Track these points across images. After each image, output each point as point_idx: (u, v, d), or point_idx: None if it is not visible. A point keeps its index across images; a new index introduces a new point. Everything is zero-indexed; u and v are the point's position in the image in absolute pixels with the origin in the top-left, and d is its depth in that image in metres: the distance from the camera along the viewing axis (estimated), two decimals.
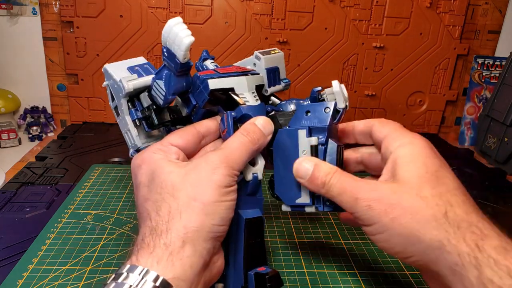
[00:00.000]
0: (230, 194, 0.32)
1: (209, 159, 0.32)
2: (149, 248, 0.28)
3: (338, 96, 0.38)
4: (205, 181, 0.31)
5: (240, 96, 0.37)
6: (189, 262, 0.28)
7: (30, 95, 0.85)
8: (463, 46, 0.89)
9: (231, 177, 0.32)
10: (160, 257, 0.28)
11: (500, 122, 0.80)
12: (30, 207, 0.53)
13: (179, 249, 0.28)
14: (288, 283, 0.41)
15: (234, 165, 0.32)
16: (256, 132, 0.34)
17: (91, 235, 0.47)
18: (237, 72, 0.38)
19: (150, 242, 0.29)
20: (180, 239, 0.29)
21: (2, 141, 0.78)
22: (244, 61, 0.44)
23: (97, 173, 0.62)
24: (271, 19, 0.83)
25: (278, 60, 0.44)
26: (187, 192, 0.30)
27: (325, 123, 0.36)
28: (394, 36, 0.86)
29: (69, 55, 0.83)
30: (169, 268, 0.28)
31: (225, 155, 0.32)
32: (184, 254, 0.28)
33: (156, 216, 0.30)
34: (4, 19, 0.80)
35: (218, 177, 0.31)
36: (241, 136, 0.34)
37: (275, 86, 0.44)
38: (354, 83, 0.89)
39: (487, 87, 0.91)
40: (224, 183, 0.31)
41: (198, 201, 0.30)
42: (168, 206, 0.30)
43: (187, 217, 0.29)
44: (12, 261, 0.42)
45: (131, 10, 0.80)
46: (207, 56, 0.44)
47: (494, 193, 0.65)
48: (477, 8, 0.88)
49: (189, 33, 0.31)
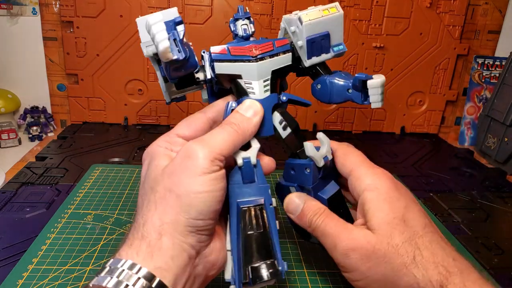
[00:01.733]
0: (211, 183, 0.29)
1: (186, 146, 0.30)
2: (129, 240, 0.29)
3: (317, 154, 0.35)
4: (179, 170, 0.30)
5: (247, 85, 0.34)
6: (169, 254, 0.28)
7: (30, 95, 0.85)
8: (463, 46, 0.89)
9: (211, 162, 0.29)
10: (139, 249, 0.28)
11: (500, 122, 0.80)
12: (30, 207, 0.53)
13: (156, 241, 0.28)
14: (288, 283, 0.41)
15: (214, 149, 0.30)
16: (240, 121, 0.33)
17: (91, 235, 0.47)
18: (248, 57, 0.34)
19: (130, 236, 0.29)
20: (156, 231, 0.28)
21: (2, 141, 0.78)
22: (289, 20, 0.37)
23: (97, 173, 0.62)
24: (271, 19, 0.83)
25: (331, 22, 0.36)
26: (164, 184, 0.30)
27: (309, 184, 0.36)
28: (394, 36, 0.86)
29: (69, 55, 0.83)
30: (148, 260, 0.27)
31: (204, 141, 0.31)
32: (162, 246, 0.28)
33: (140, 211, 0.31)
34: (4, 19, 0.80)
35: (194, 162, 0.29)
36: (225, 127, 0.32)
37: (319, 56, 0.37)
38: None
39: (487, 87, 0.91)
40: (201, 169, 0.29)
41: (172, 193, 0.29)
42: (147, 200, 0.30)
43: (161, 209, 0.29)
44: (12, 261, 0.42)
45: (131, 10, 0.80)
46: (240, 15, 0.36)
47: (494, 193, 0.65)
48: (477, 8, 0.88)
49: (165, 36, 0.29)
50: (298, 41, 0.36)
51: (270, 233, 0.33)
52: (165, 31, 0.30)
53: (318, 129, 0.91)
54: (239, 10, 0.36)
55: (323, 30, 0.36)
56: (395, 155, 0.80)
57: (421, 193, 0.63)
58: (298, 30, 0.35)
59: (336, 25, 0.36)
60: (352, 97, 0.36)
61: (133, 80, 0.85)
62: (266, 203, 0.33)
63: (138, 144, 0.77)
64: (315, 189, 0.36)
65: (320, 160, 0.34)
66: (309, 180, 0.35)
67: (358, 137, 0.89)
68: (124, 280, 0.26)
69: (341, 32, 0.37)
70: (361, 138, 0.89)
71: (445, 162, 0.78)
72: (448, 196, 0.63)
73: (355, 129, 0.92)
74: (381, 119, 0.92)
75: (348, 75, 0.37)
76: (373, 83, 0.35)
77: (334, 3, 0.37)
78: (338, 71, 0.38)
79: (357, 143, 0.86)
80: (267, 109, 0.35)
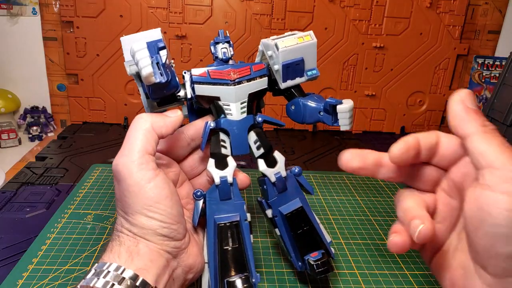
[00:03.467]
0: (154, 190, 0.31)
1: (113, 168, 0.33)
2: (109, 247, 0.31)
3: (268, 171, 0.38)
4: (121, 195, 0.32)
5: (225, 107, 0.36)
6: (147, 258, 0.30)
7: (30, 95, 0.86)
8: (463, 46, 0.89)
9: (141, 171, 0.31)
10: (119, 253, 0.30)
11: (500, 122, 0.80)
12: (30, 207, 0.53)
13: (133, 247, 0.31)
14: (288, 283, 0.41)
15: (133, 157, 0.32)
16: (156, 119, 0.34)
17: (91, 235, 0.47)
18: (227, 81, 0.36)
19: (110, 243, 0.32)
20: (131, 241, 0.31)
21: (2, 141, 0.78)
22: (267, 44, 0.39)
23: (97, 173, 0.62)
24: (271, 19, 0.83)
25: (305, 49, 0.39)
26: (120, 207, 0.33)
27: (267, 199, 0.38)
28: (394, 36, 0.86)
29: (69, 55, 0.83)
30: (129, 262, 0.29)
31: (124, 154, 0.33)
32: (140, 252, 0.30)
33: (117, 218, 0.33)
34: (4, 19, 0.80)
35: (127, 181, 0.31)
36: (138, 131, 0.34)
37: (294, 79, 0.39)
38: (354, 83, 0.89)
39: (487, 87, 0.91)
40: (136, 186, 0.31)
41: (129, 214, 0.32)
42: (118, 213, 0.33)
43: (128, 225, 0.32)
44: (12, 261, 0.42)
45: (131, 10, 0.80)
46: (220, 39, 0.38)
47: None
48: (477, 8, 0.88)
49: (148, 63, 0.31)
50: (275, 65, 0.38)
51: (245, 247, 0.35)
52: (148, 57, 0.31)
53: (318, 129, 0.91)
54: (219, 34, 0.38)
55: (298, 56, 0.38)
56: None
57: None
58: (274, 55, 0.38)
59: (310, 52, 0.39)
60: (323, 119, 0.39)
61: (133, 80, 0.85)
62: (241, 219, 0.35)
63: None
64: (275, 204, 0.38)
65: (271, 175, 0.37)
66: (267, 195, 0.38)
67: (358, 137, 0.89)
68: (111, 280, 0.28)
69: (315, 58, 0.40)
70: (361, 138, 0.89)
71: None
72: None
73: (355, 129, 0.92)
74: (381, 119, 0.92)
75: (320, 98, 0.40)
76: (342, 108, 0.37)
77: (309, 31, 0.40)
78: (311, 94, 0.41)
79: (357, 143, 0.86)
80: (243, 129, 0.37)
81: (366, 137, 0.90)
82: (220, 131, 0.36)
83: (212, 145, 0.36)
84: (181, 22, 0.82)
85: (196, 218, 0.35)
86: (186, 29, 0.82)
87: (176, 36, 0.82)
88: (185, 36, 0.83)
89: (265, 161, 0.37)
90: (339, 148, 0.81)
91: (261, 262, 0.44)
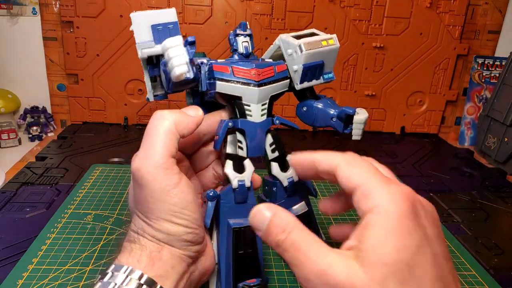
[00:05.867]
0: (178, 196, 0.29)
1: (133, 170, 0.30)
2: (128, 248, 0.30)
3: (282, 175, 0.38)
4: (143, 199, 0.30)
5: (245, 107, 0.35)
6: (169, 264, 0.29)
7: (30, 95, 0.86)
8: (463, 46, 0.89)
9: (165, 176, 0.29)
10: (139, 257, 0.29)
11: (500, 122, 0.80)
12: (30, 207, 0.53)
13: (156, 253, 0.29)
14: (288, 283, 0.41)
15: (157, 161, 0.29)
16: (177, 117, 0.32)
17: (91, 235, 0.47)
18: (251, 81, 0.34)
19: (129, 243, 0.30)
20: (154, 245, 0.29)
21: (2, 141, 0.78)
22: (288, 42, 0.37)
23: (97, 173, 0.62)
24: (271, 19, 0.83)
25: (327, 54, 0.38)
26: (140, 209, 0.31)
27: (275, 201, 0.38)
28: (394, 36, 0.86)
29: (69, 55, 0.83)
30: (149, 268, 0.28)
31: (146, 157, 0.30)
32: (162, 257, 0.29)
33: (134, 218, 0.31)
34: (4, 19, 0.80)
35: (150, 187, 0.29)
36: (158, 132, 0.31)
37: (310, 81, 0.39)
38: (354, 83, 0.89)
39: (487, 87, 0.91)
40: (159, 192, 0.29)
41: (152, 220, 0.30)
42: (138, 214, 0.31)
43: (151, 230, 0.30)
44: (12, 261, 0.42)
45: (131, 10, 0.79)
46: (242, 32, 0.37)
47: (494, 193, 0.65)
48: (477, 8, 0.88)
49: (184, 61, 0.30)
50: (294, 65, 0.37)
51: (258, 251, 0.34)
52: (185, 55, 0.31)
53: (318, 129, 0.91)
54: (241, 26, 0.37)
55: (319, 59, 0.38)
56: (395, 155, 0.80)
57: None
58: (295, 55, 0.37)
59: (331, 56, 0.39)
60: (334, 125, 0.39)
61: (133, 80, 0.85)
62: None
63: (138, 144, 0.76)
64: (281, 206, 0.37)
65: (284, 180, 0.37)
66: (275, 197, 0.38)
67: None
68: (128, 287, 0.27)
69: (334, 62, 0.39)
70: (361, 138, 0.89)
71: (445, 162, 0.78)
72: (448, 196, 0.63)
73: None
74: (381, 119, 0.92)
75: (333, 103, 0.40)
76: (358, 119, 0.38)
77: (333, 35, 0.39)
78: (323, 97, 0.41)
79: (357, 143, 0.86)
80: (262, 132, 0.36)
81: (366, 137, 0.89)
82: (237, 131, 0.35)
83: (229, 146, 0.35)
84: (181, 22, 0.82)
85: (209, 220, 0.34)
86: (186, 29, 0.82)
87: None
88: (185, 36, 0.82)
89: (279, 165, 0.37)
90: (339, 148, 0.81)
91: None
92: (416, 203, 0.25)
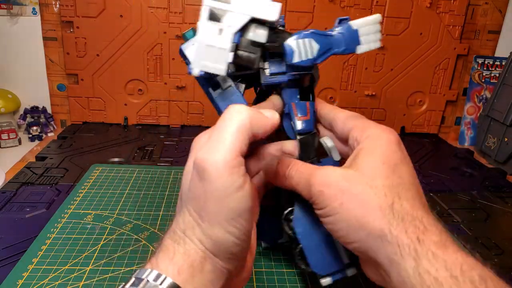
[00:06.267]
0: (239, 200, 0.26)
1: (197, 163, 0.27)
2: (169, 252, 0.27)
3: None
4: (202, 195, 0.27)
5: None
6: (209, 278, 0.27)
7: (30, 95, 0.85)
8: (463, 46, 0.89)
9: (230, 176, 0.26)
10: (181, 267, 0.26)
11: (500, 122, 0.80)
12: (30, 207, 0.53)
13: (198, 263, 0.26)
14: (288, 283, 0.41)
15: (226, 157, 0.26)
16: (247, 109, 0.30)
17: (91, 235, 0.47)
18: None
19: (170, 246, 0.27)
20: (198, 254, 0.27)
21: (2, 141, 0.78)
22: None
23: (97, 173, 0.62)
24: None
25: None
26: (193, 206, 0.27)
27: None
28: (394, 36, 0.86)
29: (69, 55, 0.83)
30: (189, 281, 0.26)
31: (214, 148, 0.27)
32: (204, 270, 0.26)
33: (177, 220, 0.28)
34: (4, 19, 0.80)
35: (212, 185, 0.26)
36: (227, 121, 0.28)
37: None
38: (354, 83, 0.89)
39: (487, 87, 0.91)
40: (222, 190, 0.26)
41: (205, 220, 0.27)
42: (184, 214, 0.28)
43: (200, 233, 0.27)
44: (12, 261, 0.42)
45: (131, 10, 0.80)
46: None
47: (494, 193, 0.65)
48: (477, 8, 0.88)
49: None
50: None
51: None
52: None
53: None
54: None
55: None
56: None
57: None
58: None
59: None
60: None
61: (133, 80, 0.85)
62: None
63: (138, 144, 0.77)
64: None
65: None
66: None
67: None
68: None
69: None
70: None
71: (445, 162, 0.78)
72: (448, 196, 0.63)
73: None
74: (381, 119, 0.92)
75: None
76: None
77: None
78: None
79: None
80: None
81: None
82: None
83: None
84: (181, 22, 0.82)
85: None
86: (186, 29, 0.82)
87: (176, 36, 0.82)
88: None
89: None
90: None
91: (261, 262, 0.44)
92: (400, 141, 0.33)
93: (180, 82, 0.85)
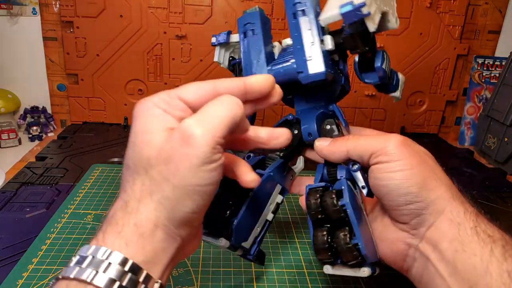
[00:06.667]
0: (211, 175, 0.27)
1: (184, 128, 0.26)
2: (118, 226, 0.26)
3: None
4: (177, 157, 0.26)
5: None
6: (160, 247, 0.26)
7: (30, 95, 0.86)
8: (463, 46, 0.89)
9: (212, 149, 0.26)
10: (130, 239, 0.25)
11: (500, 122, 0.80)
12: (30, 207, 0.53)
13: (150, 233, 0.26)
14: (288, 283, 0.41)
15: (215, 133, 0.26)
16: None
17: (91, 235, 0.47)
18: None
19: (119, 219, 0.26)
20: (151, 222, 0.26)
21: (2, 141, 0.78)
22: None
23: (97, 173, 0.62)
24: (271, 19, 0.83)
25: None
26: (159, 170, 0.27)
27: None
28: (394, 36, 0.86)
29: (69, 55, 0.83)
30: (139, 252, 0.25)
31: (204, 121, 0.27)
32: (155, 239, 0.26)
33: (130, 190, 0.28)
34: (4, 19, 0.80)
35: (194, 151, 0.26)
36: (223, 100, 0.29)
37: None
38: (354, 83, 0.89)
39: (487, 87, 0.91)
40: (202, 160, 0.26)
41: (169, 183, 0.26)
42: (140, 182, 0.27)
43: (157, 199, 0.26)
44: (12, 261, 0.42)
45: (131, 10, 0.80)
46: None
47: (494, 193, 0.65)
48: (477, 8, 0.88)
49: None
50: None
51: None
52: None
53: None
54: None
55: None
56: None
57: None
58: None
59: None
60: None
61: (133, 80, 0.85)
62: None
63: None
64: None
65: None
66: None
67: None
68: (112, 276, 0.24)
69: None
70: None
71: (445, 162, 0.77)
72: None
73: None
74: (381, 119, 0.92)
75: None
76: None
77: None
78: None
79: None
80: None
81: None
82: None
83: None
84: (181, 22, 0.82)
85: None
86: (186, 29, 0.82)
87: (176, 36, 0.82)
88: (185, 36, 0.83)
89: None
90: None
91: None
92: (407, 140, 0.36)
93: (180, 82, 0.85)
